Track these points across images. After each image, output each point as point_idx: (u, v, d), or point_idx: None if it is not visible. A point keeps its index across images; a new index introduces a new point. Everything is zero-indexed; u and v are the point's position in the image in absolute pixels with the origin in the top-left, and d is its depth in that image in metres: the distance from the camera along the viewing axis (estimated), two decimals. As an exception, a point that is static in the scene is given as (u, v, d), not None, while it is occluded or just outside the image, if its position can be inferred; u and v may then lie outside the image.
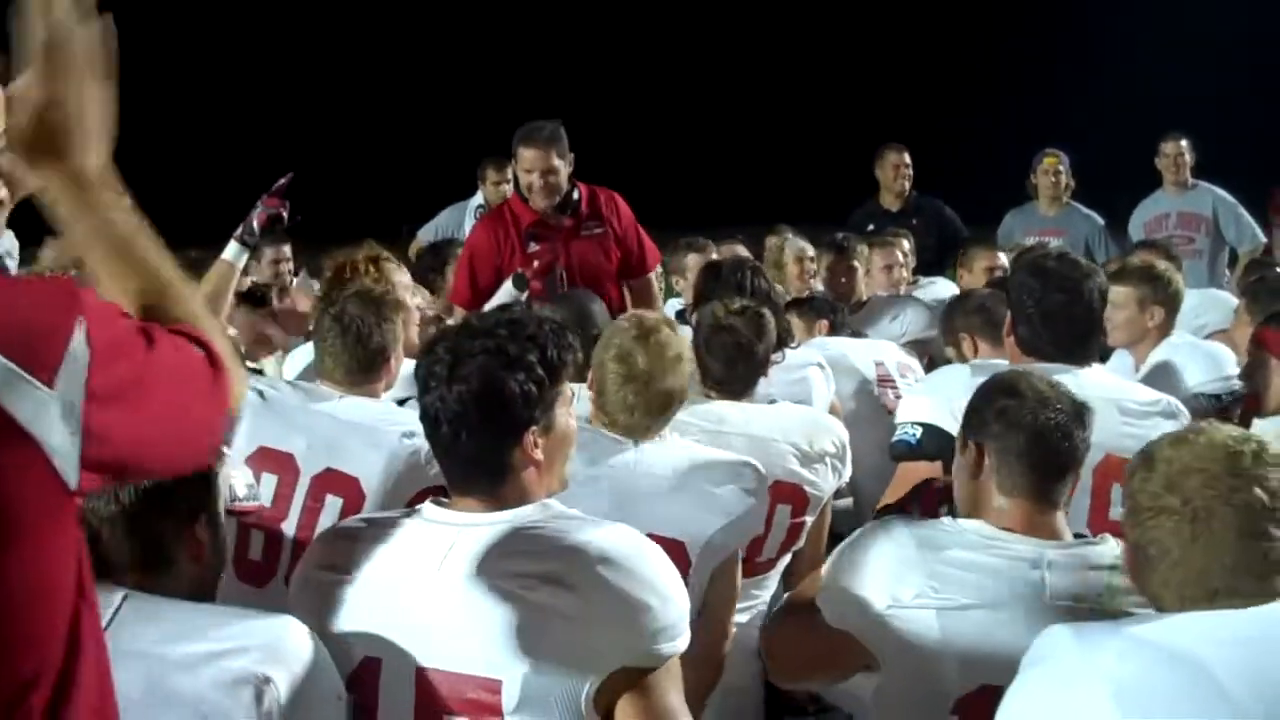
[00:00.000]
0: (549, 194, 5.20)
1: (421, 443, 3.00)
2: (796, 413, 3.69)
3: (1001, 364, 3.33)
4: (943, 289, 6.32)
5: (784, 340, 3.89)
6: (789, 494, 3.43)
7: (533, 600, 2.03)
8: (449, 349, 2.16)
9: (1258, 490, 1.85)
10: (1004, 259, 5.97)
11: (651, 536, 2.32)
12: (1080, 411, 2.43)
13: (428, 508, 2.23)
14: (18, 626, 1.48)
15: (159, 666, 1.90)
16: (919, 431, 3.13)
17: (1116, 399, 3.14)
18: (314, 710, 1.99)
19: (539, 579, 2.04)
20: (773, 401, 3.70)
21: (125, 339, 1.52)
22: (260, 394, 3.28)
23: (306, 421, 3.22)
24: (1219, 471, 1.87)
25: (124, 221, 1.65)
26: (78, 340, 1.44)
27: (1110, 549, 2.32)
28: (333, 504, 3.14)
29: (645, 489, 2.93)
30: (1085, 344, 3.29)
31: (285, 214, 4.17)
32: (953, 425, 2.93)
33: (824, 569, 2.49)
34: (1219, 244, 7.74)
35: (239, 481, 2.84)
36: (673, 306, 5.89)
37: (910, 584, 2.28)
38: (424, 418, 2.19)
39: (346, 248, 4.35)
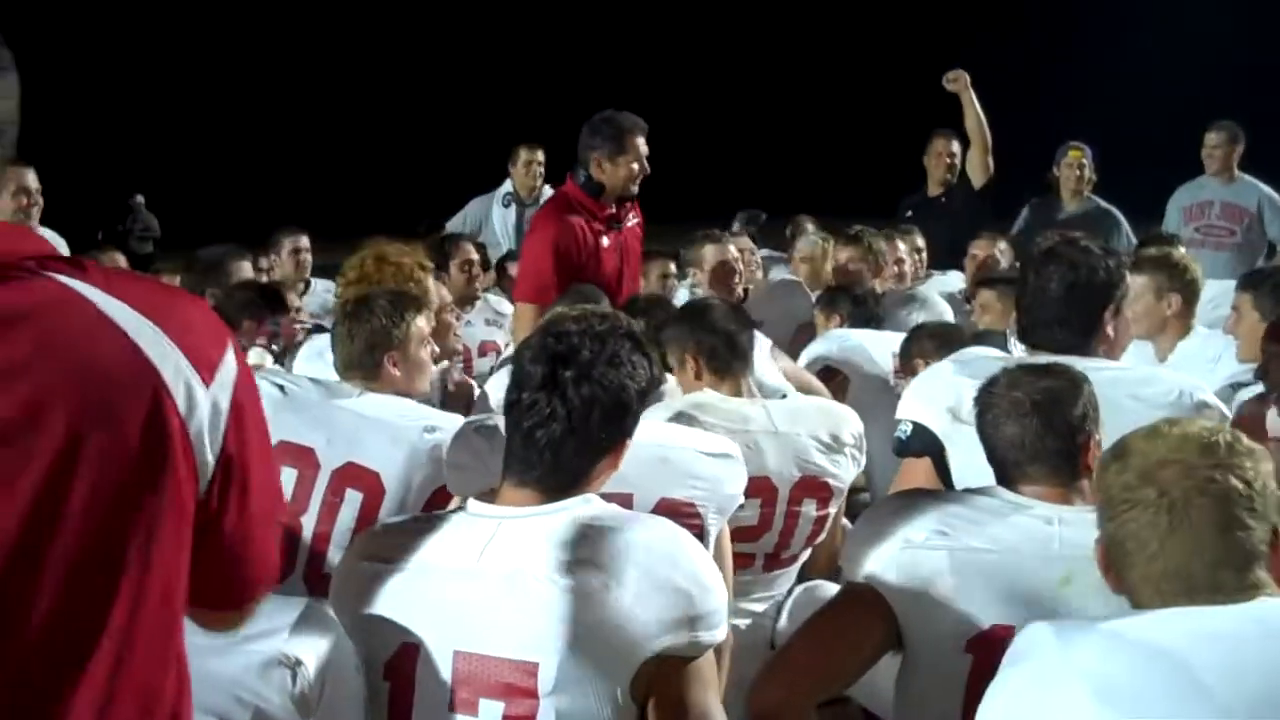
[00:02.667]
0: (639, 179, 5.22)
1: (444, 438, 3.07)
2: (812, 404, 3.71)
3: (989, 353, 3.32)
4: (953, 281, 6.34)
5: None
6: (814, 487, 3.45)
7: (572, 586, 2.07)
8: (572, 351, 2.19)
9: (1233, 479, 1.85)
10: (1001, 247, 6.00)
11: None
12: (1073, 384, 2.51)
13: (472, 503, 2.27)
14: (160, 635, 1.49)
15: (191, 652, 1.93)
16: (909, 428, 3.12)
17: (1123, 394, 3.04)
18: (340, 686, 2.06)
19: (579, 565, 2.08)
20: (783, 396, 3.70)
21: (250, 370, 1.58)
22: (281, 388, 3.31)
23: (327, 416, 3.24)
24: (1195, 462, 1.88)
25: None
26: (230, 352, 1.50)
27: None
28: (353, 498, 3.15)
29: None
30: (1088, 333, 3.17)
31: None
32: (937, 422, 3.00)
33: (847, 536, 2.55)
34: (1260, 238, 7.65)
35: None
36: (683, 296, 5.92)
37: (921, 527, 2.35)
38: (529, 413, 2.19)
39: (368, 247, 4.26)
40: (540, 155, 7.94)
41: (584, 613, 2.05)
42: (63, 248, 6.04)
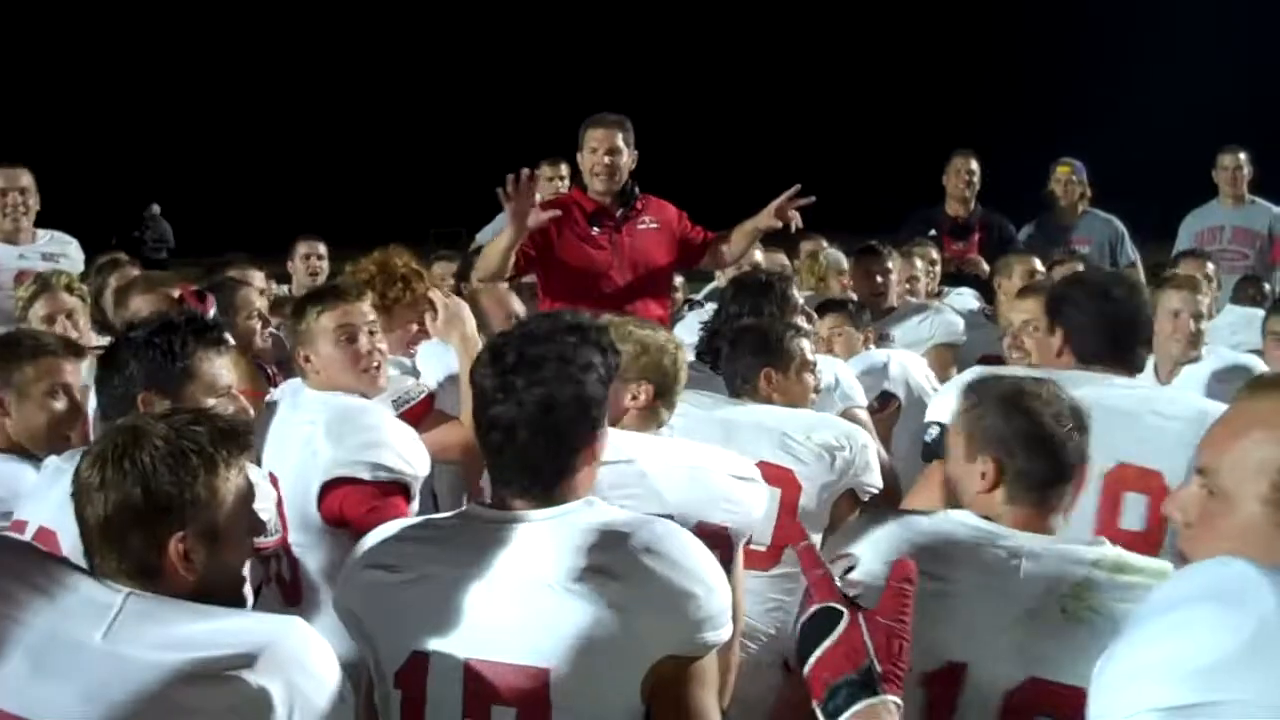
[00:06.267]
0: (610, 174, 5.29)
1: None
2: (813, 412, 3.64)
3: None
4: (968, 299, 6.32)
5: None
6: (775, 476, 3.33)
7: (581, 591, 2.06)
8: (519, 357, 2.17)
9: None
10: (1039, 265, 5.96)
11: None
12: (1079, 417, 2.43)
13: (473, 508, 2.26)
14: None
15: (159, 674, 1.90)
16: (938, 430, 3.12)
17: (1147, 409, 3.11)
18: (314, 714, 1.97)
19: (587, 570, 2.07)
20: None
21: None
22: None
23: None
24: None
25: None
26: None
27: (1099, 551, 2.30)
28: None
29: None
30: (1137, 354, 3.37)
31: None
32: None
33: None
34: (1271, 263, 7.59)
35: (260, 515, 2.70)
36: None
37: (884, 560, 2.26)
38: (493, 426, 2.17)
39: (371, 255, 4.26)
40: (564, 169, 7.49)
41: (595, 617, 2.05)
42: (75, 251, 6.02)
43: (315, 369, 3.44)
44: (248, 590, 2.66)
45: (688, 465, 2.96)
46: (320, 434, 3.18)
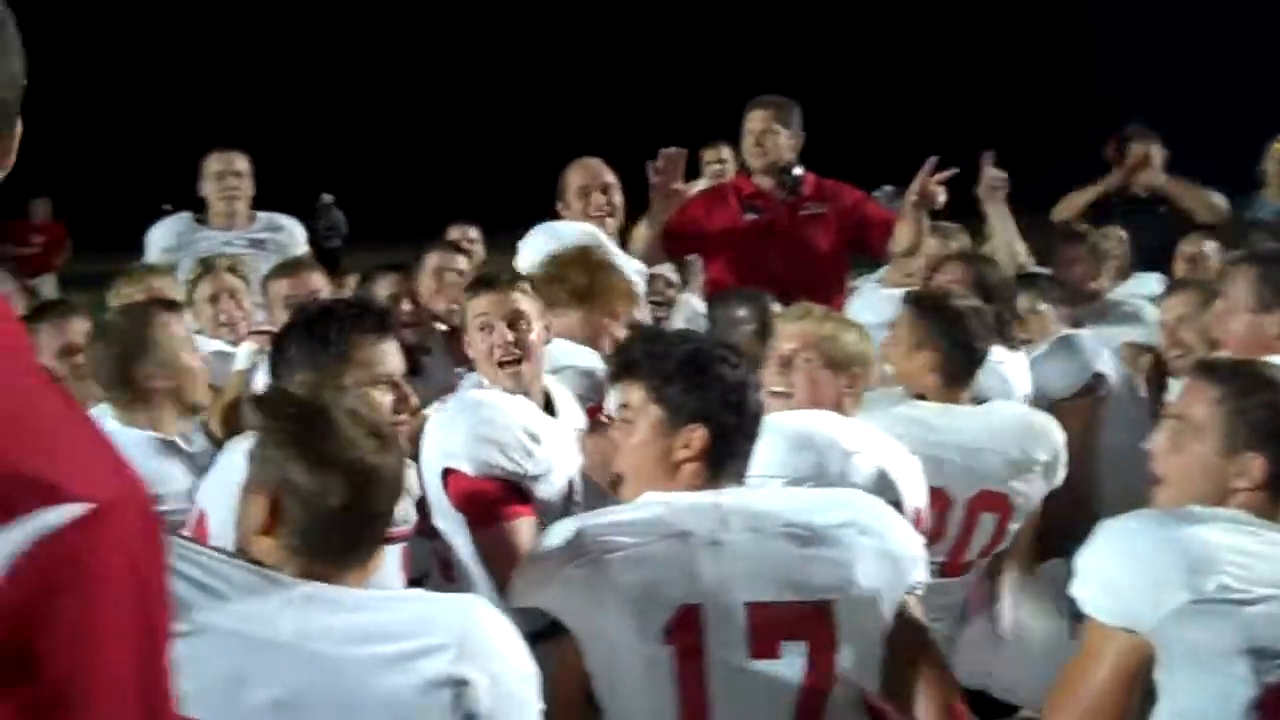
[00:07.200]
0: (761, 155, 5.36)
1: None
2: (1010, 416, 3.54)
3: None
4: (1151, 283, 6.07)
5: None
6: (994, 503, 3.39)
7: (847, 538, 2.35)
8: (741, 378, 2.49)
9: None
10: (1208, 247, 5.69)
11: None
12: None
13: (650, 496, 2.41)
14: None
15: (350, 668, 1.88)
16: None
17: None
18: (511, 699, 1.96)
19: (842, 520, 2.37)
20: (981, 401, 3.57)
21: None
22: None
23: None
24: None
25: None
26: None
27: None
28: None
29: None
30: None
31: None
32: None
33: (1086, 560, 2.35)
34: None
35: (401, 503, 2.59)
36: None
37: (1209, 575, 2.18)
38: (736, 430, 2.46)
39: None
40: (725, 153, 7.01)
41: (862, 558, 2.33)
42: (289, 235, 6.03)
43: (472, 355, 3.45)
44: (400, 574, 2.70)
45: (902, 457, 3.07)
46: (442, 421, 3.16)
